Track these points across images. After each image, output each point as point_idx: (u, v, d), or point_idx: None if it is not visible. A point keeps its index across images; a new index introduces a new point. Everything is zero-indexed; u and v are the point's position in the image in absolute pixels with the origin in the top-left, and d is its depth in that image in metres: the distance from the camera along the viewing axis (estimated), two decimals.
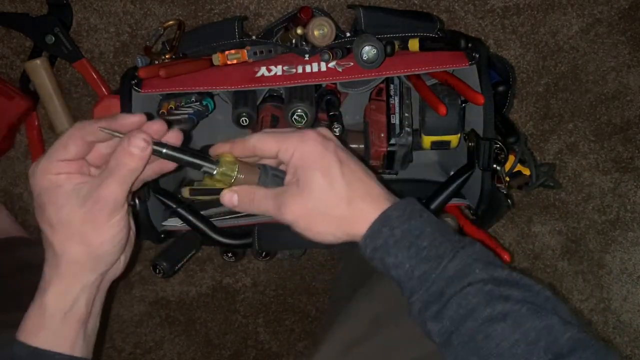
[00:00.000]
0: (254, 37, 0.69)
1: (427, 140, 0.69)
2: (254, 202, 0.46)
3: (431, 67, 0.63)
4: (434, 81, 0.68)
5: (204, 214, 0.68)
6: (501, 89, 0.72)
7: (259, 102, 0.67)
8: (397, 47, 0.65)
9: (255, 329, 0.98)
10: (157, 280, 0.93)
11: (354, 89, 0.68)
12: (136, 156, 0.40)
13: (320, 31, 0.64)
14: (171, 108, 0.65)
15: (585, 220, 0.93)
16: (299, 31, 0.65)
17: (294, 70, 0.63)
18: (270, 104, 0.71)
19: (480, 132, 0.64)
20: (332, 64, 0.64)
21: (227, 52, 0.64)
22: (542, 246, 0.95)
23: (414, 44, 0.67)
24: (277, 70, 0.64)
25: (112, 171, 0.40)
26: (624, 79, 0.86)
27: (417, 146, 0.71)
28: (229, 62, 0.65)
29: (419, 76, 0.68)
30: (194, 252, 0.71)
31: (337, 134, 0.65)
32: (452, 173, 0.68)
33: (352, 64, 0.64)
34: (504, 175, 0.67)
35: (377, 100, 0.72)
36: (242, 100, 0.65)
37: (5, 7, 0.79)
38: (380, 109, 0.71)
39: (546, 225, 0.93)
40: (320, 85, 0.70)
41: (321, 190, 0.43)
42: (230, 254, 0.79)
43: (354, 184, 0.43)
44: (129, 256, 0.47)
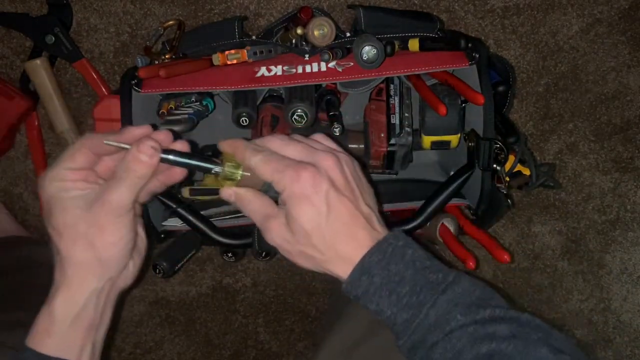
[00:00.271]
0: (254, 37, 0.69)
1: (427, 140, 0.69)
2: (246, 207, 0.46)
3: (431, 67, 0.63)
4: (434, 81, 0.68)
5: (204, 214, 0.68)
6: (501, 89, 0.72)
7: (259, 102, 0.67)
8: (397, 47, 0.65)
9: (255, 329, 0.98)
10: (157, 280, 0.93)
11: (354, 89, 0.68)
12: (145, 163, 0.41)
13: (320, 31, 0.64)
14: (171, 108, 0.65)
15: (585, 220, 0.93)
16: (299, 31, 0.65)
17: (294, 70, 0.63)
18: (270, 104, 0.72)
19: (480, 132, 0.64)
20: (332, 64, 0.64)
21: (227, 52, 0.64)
22: (542, 246, 0.95)
23: (414, 44, 0.67)
24: (277, 70, 0.64)
25: (120, 177, 0.41)
26: (624, 79, 0.86)
27: (417, 146, 0.71)
28: (229, 62, 0.65)
29: (419, 76, 0.68)
30: (194, 252, 0.71)
31: (337, 134, 0.65)
32: (452, 173, 0.68)
33: (352, 64, 0.64)
34: (504, 175, 0.67)
35: (377, 100, 0.72)
36: (242, 100, 0.65)
37: (5, 7, 0.79)
38: (380, 109, 0.71)
39: (546, 225, 0.93)
40: (320, 85, 0.70)
41: (304, 234, 0.42)
42: (230, 254, 0.79)
43: (338, 229, 0.42)
44: (138, 266, 0.47)
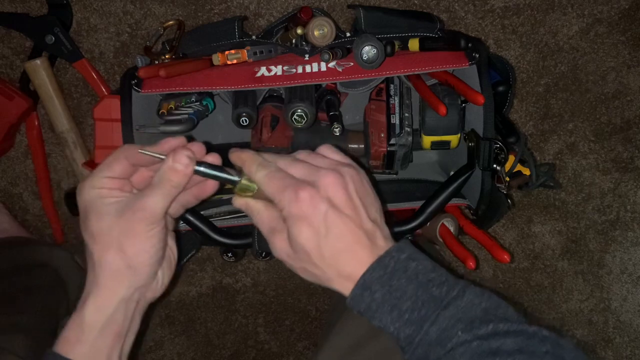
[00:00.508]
0: (254, 37, 0.69)
1: (427, 140, 0.69)
2: (255, 217, 0.47)
3: (431, 67, 0.63)
4: (434, 81, 0.68)
5: (204, 214, 0.68)
6: (501, 89, 0.72)
7: (259, 102, 0.67)
8: (397, 47, 0.65)
9: (255, 329, 0.98)
10: None
11: (354, 89, 0.68)
12: (180, 172, 0.42)
13: (320, 31, 0.64)
14: (171, 108, 0.65)
15: (585, 220, 0.93)
16: (299, 31, 0.65)
17: (294, 70, 0.63)
18: (270, 104, 0.72)
19: (480, 132, 0.64)
20: (332, 64, 0.64)
21: (227, 52, 0.64)
22: (542, 246, 0.95)
23: (414, 44, 0.67)
24: (277, 70, 0.64)
25: (154, 186, 0.42)
26: (624, 79, 0.86)
27: (417, 146, 0.71)
28: (229, 62, 0.65)
29: (419, 76, 0.68)
30: (194, 252, 0.71)
31: (337, 134, 0.65)
32: (452, 173, 0.68)
33: (352, 64, 0.64)
34: (504, 175, 0.67)
35: (377, 100, 0.72)
36: (242, 100, 0.65)
37: (5, 7, 0.79)
38: (380, 109, 0.71)
39: (546, 225, 0.93)
40: (320, 85, 0.70)
41: (304, 251, 0.43)
42: (230, 254, 0.79)
43: (338, 249, 0.42)
44: (168, 278, 0.48)
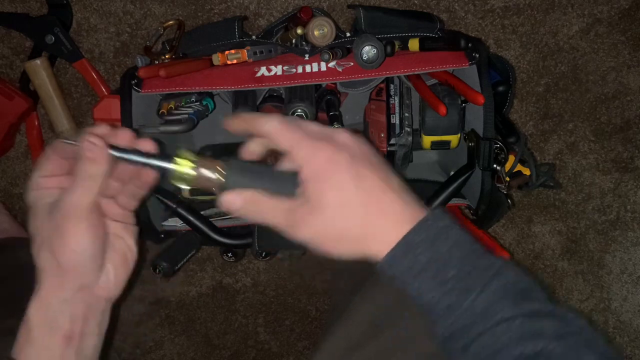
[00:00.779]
0: (254, 37, 0.69)
1: (427, 140, 0.69)
2: (261, 213, 0.43)
3: (431, 67, 0.63)
4: (434, 81, 0.68)
5: (204, 214, 0.68)
6: (501, 89, 0.72)
7: (259, 102, 0.67)
8: (397, 47, 0.65)
9: (255, 329, 0.98)
10: (157, 280, 0.93)
11: (354, 89, 0.68)
12: (93, 159, 0.39)
13: (320, 31, 0.64)
14: (171, 108, 0.65)
15: (585, 220, 0.93)
16: (299, 31, 0.65)
17: (294, 70, 0.63)
18: (270, 104, 0.72)
19: (480, 132, 0.64)
20: (332, 64, 0.64)
21: (227, 52, 0.64)
22: (542, 246, 0.95)
23: (414, 44, 0.67)
24: (277, 70, 0.64)
25: (76, 179, 0.40)
26: (624, 79, 0.86)
27: (417, 146, 0.71)
28: (229, 62, 0.65)
29: (419, 76, 0.68)
30: (194, 252, 0.71)
31: None
32: (452, 173, 0.68)
33: (352, 64, 0.64)
34: (504, 175, 0.67)
35: (377, 100, 0.72)
36: (242, 100, 0.65)
37: (5, 7, 0.79)
38: (380, 109, 0.71)
39: (546, 225, 0.93)
40: (320, 85, 0.70)
41: (333, 210, 0.39)
42: (230, 254, 0.79)
43: (371, 200, 0.39)
44: (123, 276, 0.44)
